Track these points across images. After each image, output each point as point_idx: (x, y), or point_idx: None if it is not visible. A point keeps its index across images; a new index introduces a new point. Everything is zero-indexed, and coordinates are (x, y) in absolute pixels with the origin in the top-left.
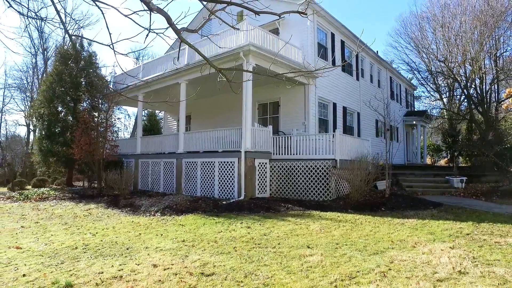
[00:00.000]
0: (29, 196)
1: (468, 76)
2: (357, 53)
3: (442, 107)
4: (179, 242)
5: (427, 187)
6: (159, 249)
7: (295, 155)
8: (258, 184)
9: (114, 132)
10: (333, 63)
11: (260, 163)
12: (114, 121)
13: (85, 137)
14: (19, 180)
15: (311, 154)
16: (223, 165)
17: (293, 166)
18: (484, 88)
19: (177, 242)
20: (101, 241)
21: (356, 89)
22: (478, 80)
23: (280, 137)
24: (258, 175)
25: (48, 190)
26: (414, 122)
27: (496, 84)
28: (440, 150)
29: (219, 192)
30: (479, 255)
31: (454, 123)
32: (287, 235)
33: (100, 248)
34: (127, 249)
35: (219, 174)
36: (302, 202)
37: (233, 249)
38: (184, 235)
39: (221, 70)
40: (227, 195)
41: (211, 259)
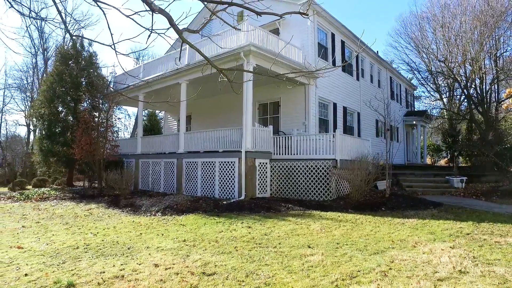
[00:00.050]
0: (30, 196)
1: (468, 76)
2: (357, 54)
3: (442, 107)
4: (180, 242)
5: (427, 187)
6: (160, 248)
7: (295, 155)
8: (259, 184)
9: (114, 132)
10: (334, 63)
11: (260, 163)
12: (115, 121)
13: (86, 137)
14: (20, 180)
15: (312, 154)
16: (223, 165)
17: (294, 166)
18: (484, 88)
19: (178, 242)
20: (102, 241)
21: (356, 89)
22: (478, 80)
23: (281, 137)
24: (259, 175)
25: (49, 190)
26: (414, 122)
27: (496, 84)
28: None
29: (220, 192)
30: (479, 254)
31: (454, 123)
32: (287, 235)
33: (101, 247)
34: (128, 248)
35: (220, 174)
36: (303, 202)
37: (234, 248)
38: (185, 235)
39: (222, 70)
40: (228, 195)
41: (212, 258)
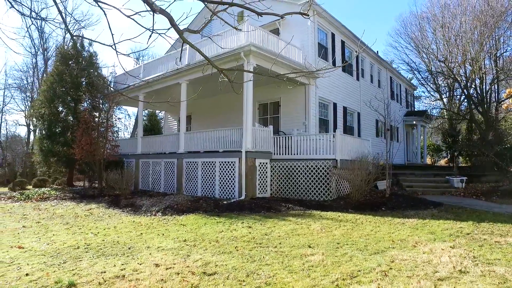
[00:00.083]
0: (30, 196)
1: (468, 76)
2: (357, 54)
3: (442, 107)
4: (181, 241)
5: (427, 187)
6: (161, 248)
7: (295, 155)
8: (259, 184)
9: (114, 132)
10: (334, 63)
11: (260, 163)
12: (115, 121)
13: (86, 137)
14: (20, 180)
15: (312, 154)
16: (224, 165)
17: (294, 166)
18: (484, 88)
19: (178, 242)
20: (103, 240)
21: (356, 89)
22: (478, 80)
23: (281, 137)
24: (259, 175)
25: (49, 190)
26: (414, 122)
27: (496, 84)
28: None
29: (220, 192)
30: (479, 254)
31: (454, 123)
32: (288, 234)
33: (102, 247)
34: (129, 248)
35: (220, 174)
36: (303, 202)
37: (235, 248)
38: (186, 234)
39: (223, 70)
40: (228, 195)
41: (213, 258)
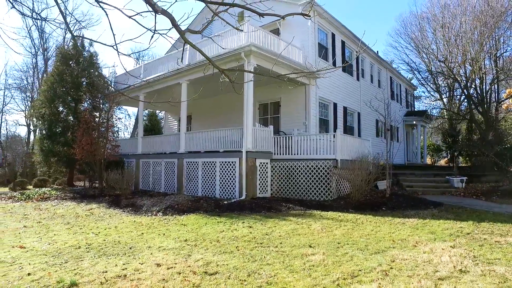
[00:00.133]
0: (31, 196)
1: (468, 76)
2: (358, 55)
3: (442, 107)
4: (182, 241)
5: (428, 187)
6: (162, 248)
7: (296, 155)
8: (259, 184)
9: (115, 132)
10: (334, 64)
11: (261, 163)
12: (115, 121)
13: (87, 137)
14: (20, 180)
15: (312, 154)
16: (224, 165)
17: (294, 166)
18: (484, 88)
19: (179, 242)
20: (104, 240)
21: (356, 89)
22: (478, 80)
23: (281, 137)
24: (259, 175)
25: (50, 190)
26: (414, 122)
27: (496, 84)
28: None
29: (220, 192)
30: (479, 254)
31: (454, 123)
32: (288, 234)
33: (103, 247)
34: (130, 248)
35: (220, 174)
36: (303, 202)
37: (236, 248)
38: (187, 234)
39: (224, 71)
40: (229, 195)
41: (214, 258)
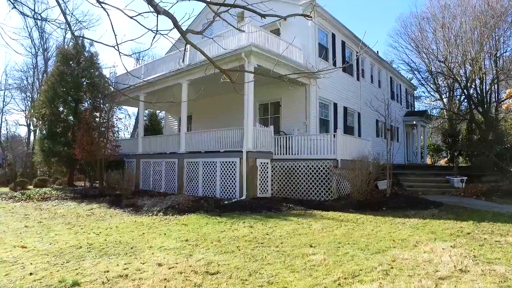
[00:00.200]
0: (31, 196)
1: (468, 76)
2: (358, 55)
3: (442, 107)
4: (183, 241)
5: (428, 187)
6: (163, 248)
7: (296, 155)
8: (260, 184)
9: (115, 132)
10: (334, 64)
11: (261, 163)
12: (116, 121)
13: (87, 137)
14: (21, 180)
15: (312, 154)
16: (224, 165)
17: (295, 166)
18: (484, 88)
19: (180, 242)
20: (105, 240)
21: (356, 89)
22: (478, 80)
23: (282, 137)
24: (260, 175)
25: (50, 190)
26: (414, 122)
27: (496, 84)
28: (440, 150)
29: (221, 192)
30: (480, 253)
31: (454, 123)
32: (289, 234)
33: (105, 247)
34: (131, 248)
35: (221, 174)
36: (304, 202)
37: (237, 248)
38: (187, 234)
39: (225, 71)
40: (229, 195)
41: (215, 258)
